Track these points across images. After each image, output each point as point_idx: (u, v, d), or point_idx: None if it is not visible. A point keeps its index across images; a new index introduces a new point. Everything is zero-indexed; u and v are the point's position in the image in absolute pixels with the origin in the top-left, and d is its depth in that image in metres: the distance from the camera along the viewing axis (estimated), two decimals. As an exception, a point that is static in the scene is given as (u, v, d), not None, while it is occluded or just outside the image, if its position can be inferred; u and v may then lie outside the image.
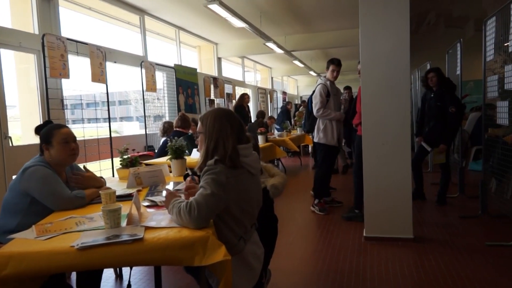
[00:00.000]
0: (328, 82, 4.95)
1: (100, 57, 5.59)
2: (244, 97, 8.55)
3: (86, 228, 1.79)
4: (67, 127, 2.45)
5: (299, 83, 22.22)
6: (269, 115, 12.61)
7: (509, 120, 3.98)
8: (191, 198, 1.76)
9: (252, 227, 2.06)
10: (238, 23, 6.73)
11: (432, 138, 4.98)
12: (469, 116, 7.84)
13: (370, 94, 3.81)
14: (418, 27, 15.73)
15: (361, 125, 3.98)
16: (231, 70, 12.85)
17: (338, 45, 10.24)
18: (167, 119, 7.49)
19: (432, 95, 5.04)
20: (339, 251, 3.59)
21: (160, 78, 7.78)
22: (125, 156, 3.38)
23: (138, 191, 2.60)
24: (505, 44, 3.98)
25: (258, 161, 2.09)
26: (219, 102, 10.29)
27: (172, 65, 8.03)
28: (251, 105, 12.04)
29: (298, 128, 9.73)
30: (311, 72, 15.55)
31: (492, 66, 4.41)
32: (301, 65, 12.83)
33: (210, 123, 1.92)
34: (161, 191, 2.55)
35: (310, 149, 10.50)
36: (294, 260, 3.47)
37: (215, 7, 5.77)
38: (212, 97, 9.88)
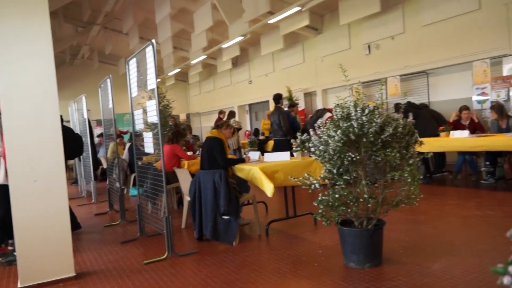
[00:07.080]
0: None
1: None
2: None
3: None
4: None
5: None
6: None
7: (154, 148, 4.53)
8: None
9: None
10: None
11: None
12: (126, 146, 8.46)
13: (16, 130, 3.44)
14: (73, 59, 15.82)
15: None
16: None
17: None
18: None
19: None
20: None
21: None
22: None
23: None
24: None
25: None
26: None
27: None
28: None
29: None
30: None
31: (140, 100, 4.94)
32: None
33: None
34: None
35: None
36: None
37: None
38: None
